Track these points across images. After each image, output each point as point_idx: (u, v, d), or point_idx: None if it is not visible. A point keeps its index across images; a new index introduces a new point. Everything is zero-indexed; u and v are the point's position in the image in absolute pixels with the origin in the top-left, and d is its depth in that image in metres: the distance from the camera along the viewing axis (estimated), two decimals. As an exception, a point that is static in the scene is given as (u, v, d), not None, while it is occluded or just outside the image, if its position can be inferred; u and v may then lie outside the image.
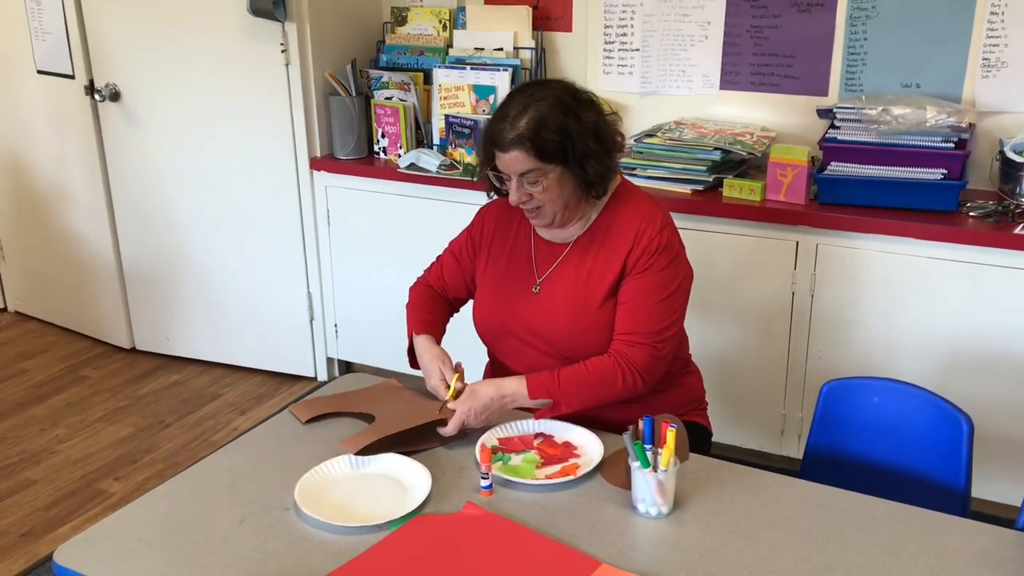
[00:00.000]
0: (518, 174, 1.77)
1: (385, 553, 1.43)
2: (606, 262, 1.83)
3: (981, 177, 2.72)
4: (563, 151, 1.75)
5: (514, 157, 1.75)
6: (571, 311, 1.83)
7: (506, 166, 1.77)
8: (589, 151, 1.77)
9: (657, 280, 1.80)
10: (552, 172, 1.76)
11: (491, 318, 1.95)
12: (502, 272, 1.95)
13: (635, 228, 1.82)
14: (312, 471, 1.61)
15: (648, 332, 1.78)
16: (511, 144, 1.74)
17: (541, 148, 1.73)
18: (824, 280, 2.64)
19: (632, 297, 1.80)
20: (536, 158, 1.74)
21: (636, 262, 1.80)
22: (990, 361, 2.49)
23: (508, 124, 1.74)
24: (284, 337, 3.56)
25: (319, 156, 3.32)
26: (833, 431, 1.90)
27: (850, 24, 2.80)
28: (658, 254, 1.80)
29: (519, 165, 1.75)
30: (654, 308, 1.79)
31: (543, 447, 1.71)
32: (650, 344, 1.78)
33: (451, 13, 3.31)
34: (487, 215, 2.03)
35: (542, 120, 1.73)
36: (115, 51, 3.42)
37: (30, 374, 3.69)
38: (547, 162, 1.75)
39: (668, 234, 1.83)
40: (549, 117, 1.74)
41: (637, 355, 1.77)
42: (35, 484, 2.93)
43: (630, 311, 1.80)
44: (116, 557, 1.44)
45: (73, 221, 3.80)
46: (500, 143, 1.75)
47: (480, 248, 2.01)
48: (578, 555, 1.41)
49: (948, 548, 1.43)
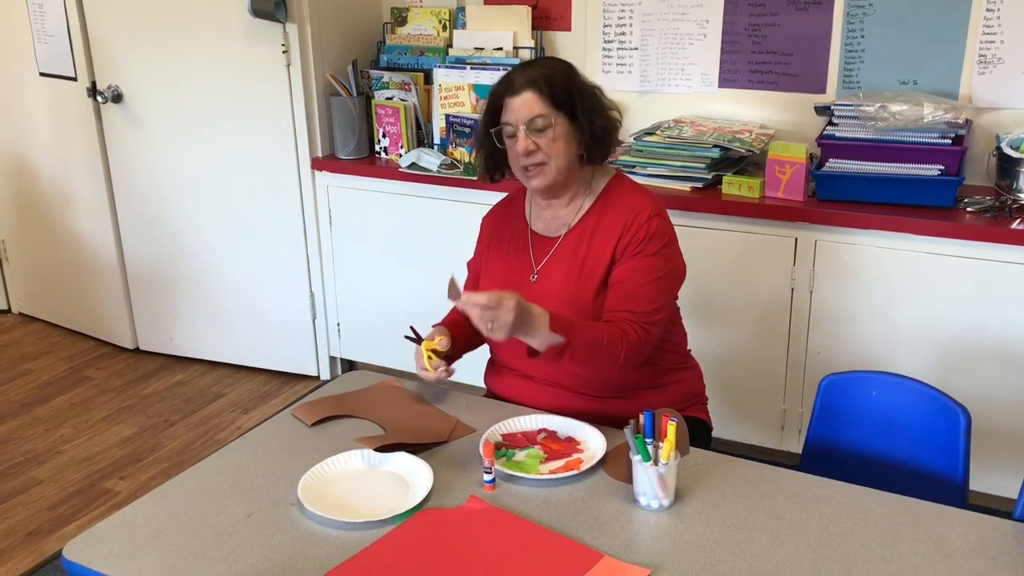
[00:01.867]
0: (527, 120, 1.80)
1: (390, 547, 1.44)
2: (599, 252, 1.85)
3: (978, 173, 2.74)
4: (571, 100, 1.82)
5: (526, 99, 1.79)
6: (568, 299, 1.85)
7: (515, 112, 1.81)
8: (596, 106, 1.85)
9: (646, 264, 1.81)
10: (560, 123, 1.81)
11: None
12: (501, 264, 1.98)
13: (624, 218, 1.84)
14: (314, 468, 1.63)
15: (639, 311, 1.78)
16: (524, 85, 1.80)
17: (553, 91, 1.80)
18: (823, 276, 2.65)
19: (622, 278, 1.82)
20: (548, 101, 1.80)
21: (625, 249, 1.82)
22: (987, 355, 2.51)
23: (518, 74, 1.82)
24: (287, 336, 3.58)
25: (320, 156, 3.34)
26: (832, 424, 1.92)
27: (847, 21, 2.82)
28: (646, 242, 1.81)
29: (529, 109, 1.80)
30: (642, 289, 1.80)
31: (546, 443, 1.73)
32: (640, 323, 1.78)
33: (451, 13, 3.32)
34: (485, 222, 2.07)
35: (553, 69, 1.84)
36: (117, 53, 3.44)
37: (34, 375, 3.71)
38: (557, 108, 1.80)
39: (657, 223, 1.84)
40: (558, 73, 1.83)
41: (631, 332, 1.77)
42: (41, 484, 2.95)
43: (621, 291, 1.81)
44: (124, 552, 1.45)
45: (76, 222, 3.82)
46: (512, 87, 1.81)
47: (484, 252, 2.04)
48: (581, 548, 1.43)
49: (946, 539, 1.44)
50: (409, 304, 3.28)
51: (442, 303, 2.11)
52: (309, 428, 1.82)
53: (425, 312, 2.25)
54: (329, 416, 1.86)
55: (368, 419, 1.85)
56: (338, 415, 1.87)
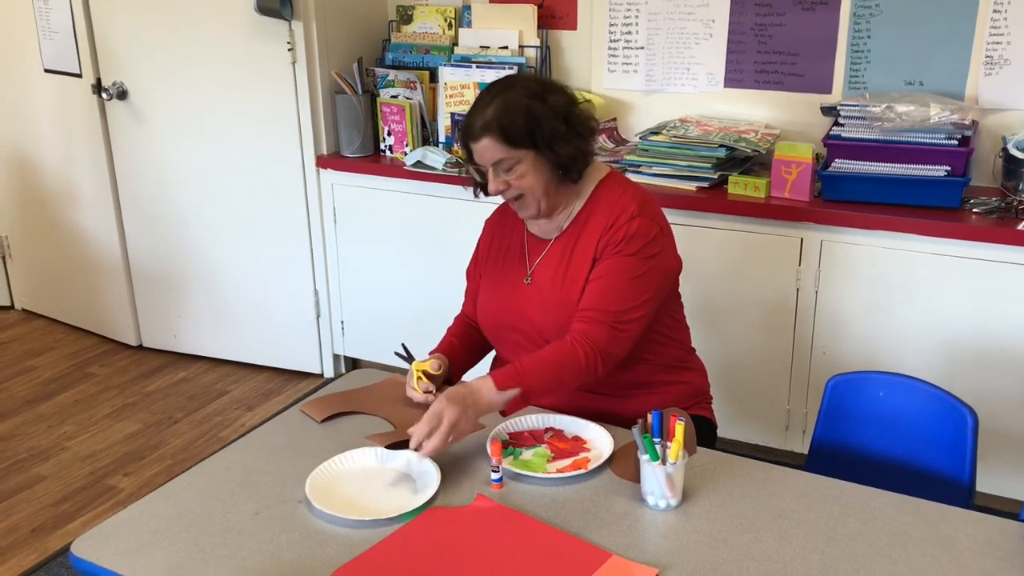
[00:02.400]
0: (491, 163, 1.80)
1: (397, 545, 1.44)
2: (583, 253, 1.85)
3: (984, 174, 2.73)
4: (531, 134, 1.77)
5: (484, 145, 1.78)
6: (557, 300, 1.86)
7: (480, 156, 1.81)
8: (557, 133, 1.79)
9: (625, 263, 1.80)
10: (524, 158, 1.79)
11: (490, 311, 1.98)
12: (499, 269, 1.99)
13: (606, 219, 1.84)
14: (321, 466, 1.63)
15: (609, 311, 1.77)
16: (480, 132, 1.78)
17: (508, 133, 1.76)
18: (828, 276, 2.65)
19: (598, 276, 1.82)
20: (504, 144, 1.77)
21: (605, 247, 1.82)
22: (994, 355, 2.51)
23: (474, 117, 1.79)
24: (291, 334, 3.58)
25: (325, 154, 3.34)
26: (839, 425, 1.92)
27: (854, 22, 2.82)
28: (625, 242, 1.80)
29: (490, 153, 1.79)
30: (617, 287, 1.79)
31: (553, 441, 1.73)
32: (609, 323, 1.76)
33: (456, 11, 3.32)
34: (486, 227, 2.08)
35: (507, 106, 1.77)
36: (122, 50, 3.44)
37: (38, 371, 3.71)
38: (516, 147, 1.78)
39: (638, 224, 1.81)
40: (515, 102, 1.78)
41: (596, 332, 1.76)
42: (45, 480, 2.95)
43: (594, 289, 1.81)
44: (132, 549, 1.45)
45: (80, 219, 3.82)
46: (471, 133, 1.80)
47: (483, 257, 2.05)
48: (588, 547, 1.43)
49: (953, 540, 1.45)
50: (413, 302, 3.28)
51: (445, 301, 2.12)
52: (317, 425, 1.82)
53: (429, 311, 2.26)
54: (338, 413, 1.86)
55: (377, 415, 1.85)
56: (347, 412, 1.87)
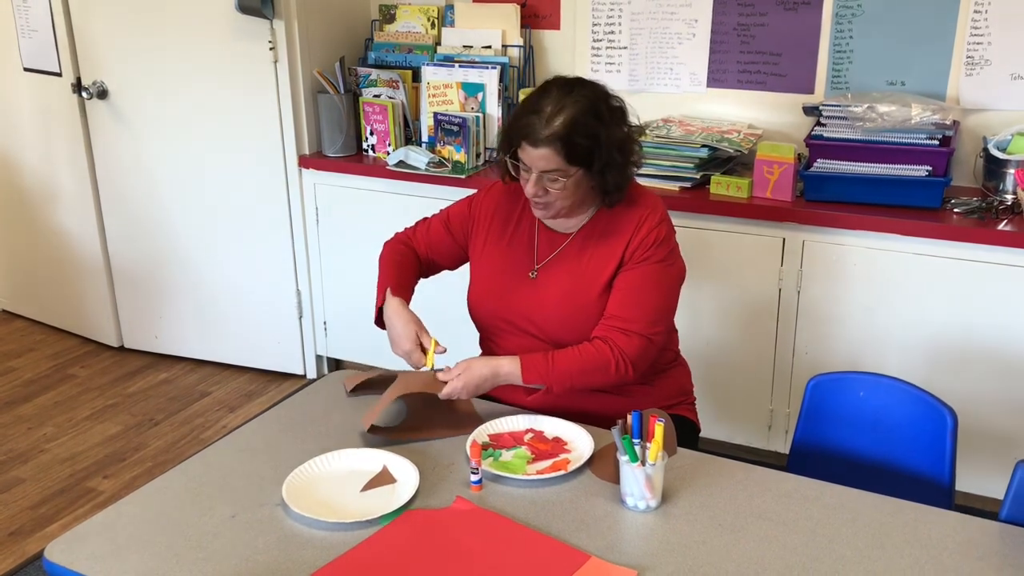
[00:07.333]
0: (541, 171, 1.77)
1: (376, 548, 1.43)
2: (606, 253, 1.85)
3: (965, 174, 2.75)
4: (589, 157, 1.76)
5: (543, 155, 1.75)
6: (567, 299, 1.85)
7: (532, 161, 1.77)
8: (613, 162, 1.78)
9: (655, 271, 1.82)
10: (574, 175, 1.78)
11: (486, 300, 1.96)
12: (501, 255, 1.96)
13: (635, 220, 1.84)
14: (299, 468, 1.62)
15: (644, 321, 1.79)
16: (544, 142, 1.73)
17: (571, 151, 1.74)
18: (810, 276, 2.66)
19: (629, 285, 1.82)
20: (564, 159, 1.75)
21: (634, 253, 1.82)
22: (974, 355, 2.51)
23: (543, 121, 1.74)
24: (273, 335, 3.56)
25: (308, 153, 3.32)
26: (819, 425, 1.92)
27: (836, 22, 2.82)
28: (656, 246, 1.82)
29: (545, 163, 1.76)
30: (651, 298, 1.81)
31: (533, 443, 1.72)
32: (645, 335, 1.79)
33: (439, 11, 3.31)
34: (490, 195, 2.02)
35: (576, 123, 1.73)
36: (102, 49, 3.41)
37: (18, 373, 3.68)
38: (572, 164, 1.76)
39: (667, 228, 1.86)
40: (584, 121, 1.74)
41: (631, 344, 1.78)
42: (23, 483, 2.93)
43: (627, 299, 1.81)
44: (107, 553, 1.44)
45: (60, 219, 3.79)
46: (533, 138, 1.74)
47: (478, 224, 2.00)
48: (568, 549, 1.43)
49: (933, 540, 1.45)
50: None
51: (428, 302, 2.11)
52: (295, 429, 1.80)
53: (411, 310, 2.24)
54: (367, 386, 1.90)
55: (402, 400, 1.83)
56: (375, 389, 1.89)
